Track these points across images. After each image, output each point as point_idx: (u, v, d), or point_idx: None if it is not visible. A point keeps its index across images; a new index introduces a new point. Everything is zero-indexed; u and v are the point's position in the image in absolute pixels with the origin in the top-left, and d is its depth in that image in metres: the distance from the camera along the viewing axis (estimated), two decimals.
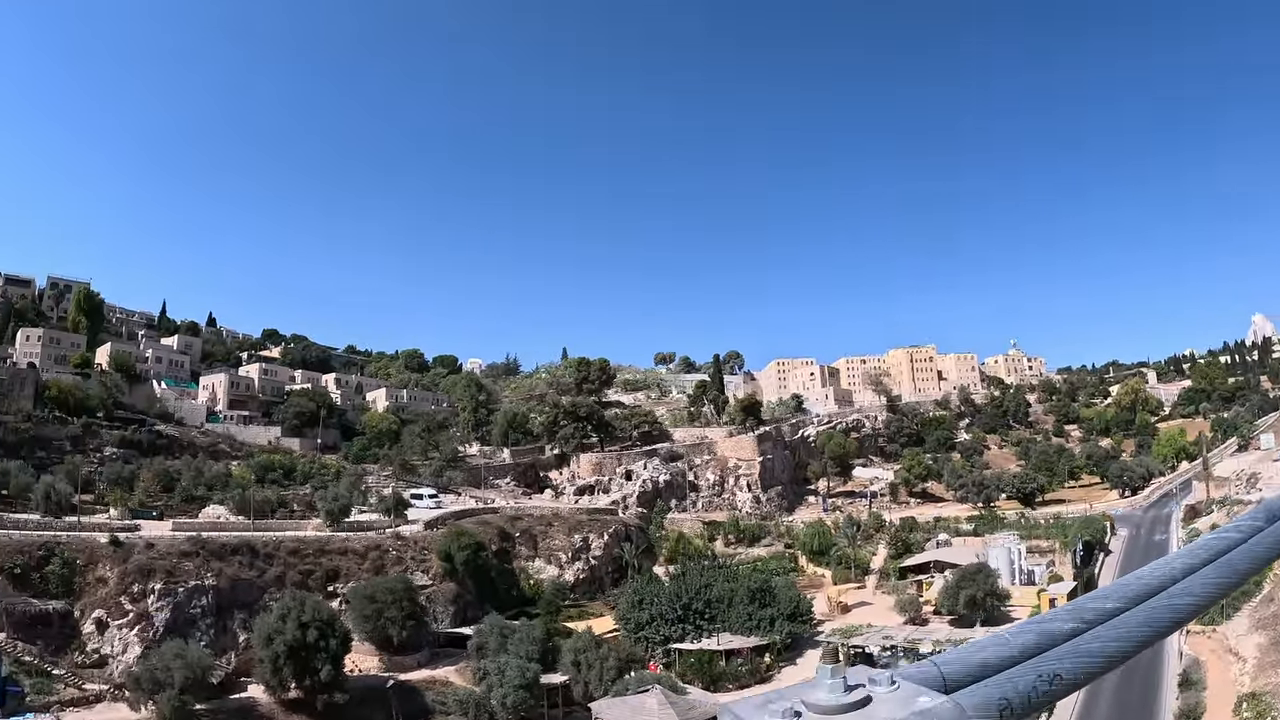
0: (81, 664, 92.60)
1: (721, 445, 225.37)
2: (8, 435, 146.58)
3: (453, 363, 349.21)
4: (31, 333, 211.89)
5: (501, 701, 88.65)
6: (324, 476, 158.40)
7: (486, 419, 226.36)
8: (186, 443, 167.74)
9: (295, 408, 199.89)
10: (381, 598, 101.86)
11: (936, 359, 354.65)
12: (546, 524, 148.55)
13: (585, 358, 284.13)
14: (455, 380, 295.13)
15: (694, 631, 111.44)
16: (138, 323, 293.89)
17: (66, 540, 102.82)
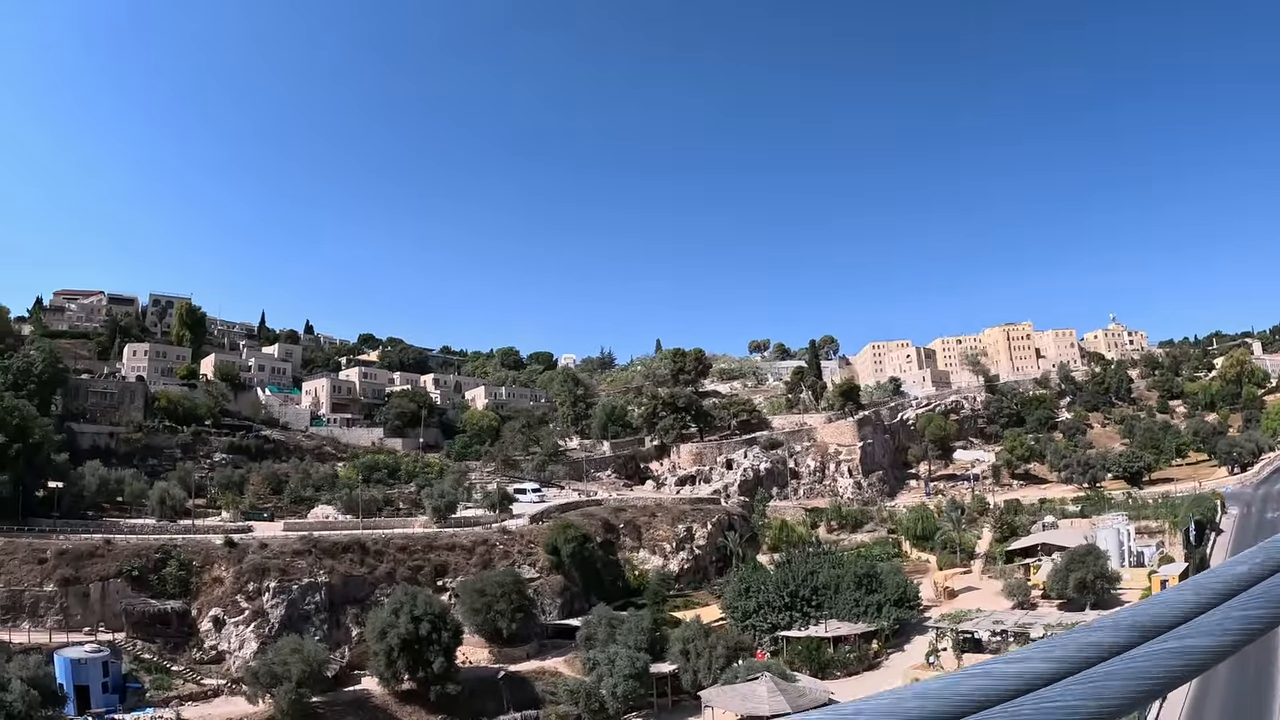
0: (199, 660, 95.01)
1: (821, 431, 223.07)
2: (120, 445, 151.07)
3: (548, 359, 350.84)
4: (138, 347, 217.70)
5: (612, 691, 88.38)
6: (428, 475, 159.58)
7: (585, 413, 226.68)
8: (293, 446, 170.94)
9: (396, 409, 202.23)
10: (491, 591, 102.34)
11: (1034, 336, 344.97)
12: (650, 515, 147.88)
13: (680, 348, 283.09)
14: (552, 376, 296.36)
15: (801, 619, 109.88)
16: (238, 334, 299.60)
17: (182, 543, 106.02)
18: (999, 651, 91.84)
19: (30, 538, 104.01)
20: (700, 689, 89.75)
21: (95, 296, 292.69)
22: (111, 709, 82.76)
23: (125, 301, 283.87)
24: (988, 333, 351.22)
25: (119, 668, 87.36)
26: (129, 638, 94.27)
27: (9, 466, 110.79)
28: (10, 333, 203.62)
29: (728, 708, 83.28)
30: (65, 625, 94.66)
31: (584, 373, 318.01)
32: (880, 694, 2.50)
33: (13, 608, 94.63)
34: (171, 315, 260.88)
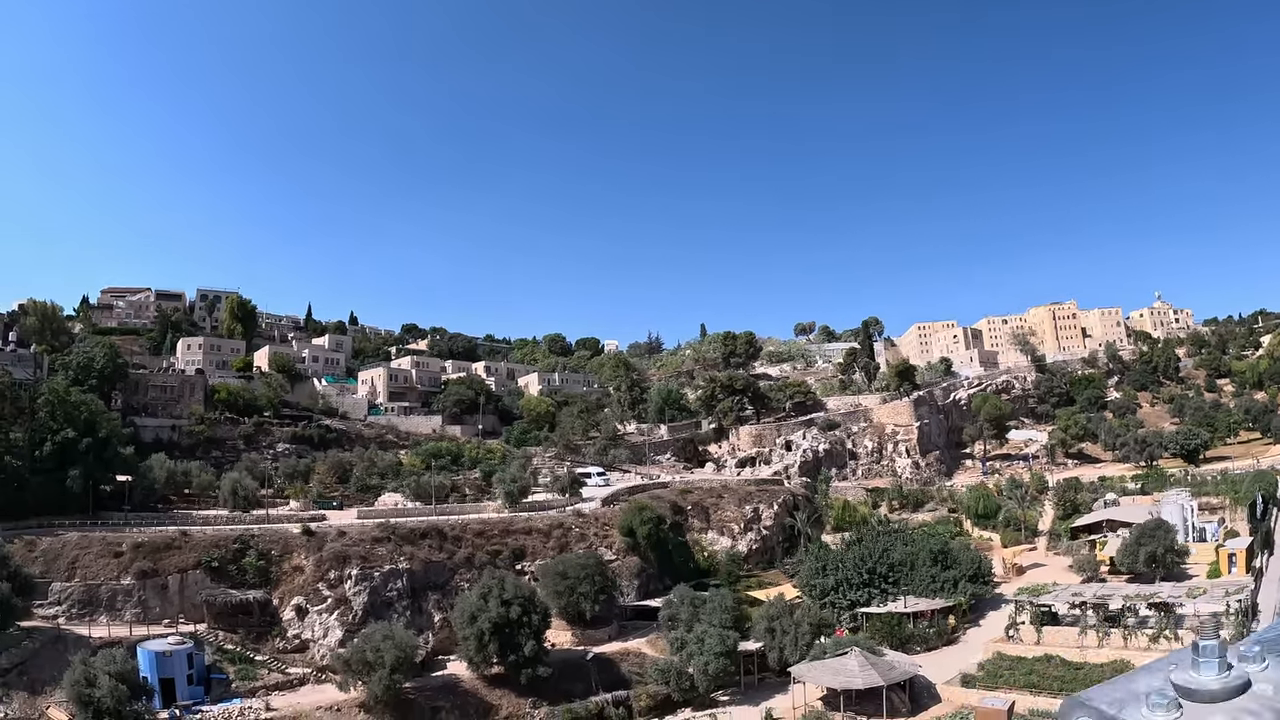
0: (283, 650, 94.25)
1: (877, 412, 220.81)
2: (183, 438, 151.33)
3: (595, 345, 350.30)
4: (192, 341, 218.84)
5: (703, 669, 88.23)
6: (490, 461, 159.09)
7: (641, 397, 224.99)
8: (354, 435, 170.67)
9: (454, 396, 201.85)
10: (573, 573, 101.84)
11: (1079, 315, 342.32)
12: (717, 496, 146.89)
13: (731, 331, 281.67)
14: (601, 361, 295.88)
15: (879, 595, 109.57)
16: (286, 326, 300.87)
17: (259, 532, 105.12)
18: (1076, 624, 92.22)
19: (103, 531, 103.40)
20: (786, 666, 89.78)
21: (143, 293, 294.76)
22: (198, 700, 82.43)
23: (173, 297, 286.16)
24: (1033, 312, 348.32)
25: (203, 659, 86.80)
26: (210, 629, 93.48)
27: (78, 461, 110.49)
28: (64, 330, 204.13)
29: (819, 682, 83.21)
30: (144, 618, 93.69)
31: (633, 357, 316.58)
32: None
33: (89, 602, 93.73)
34: (221, 309, 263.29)
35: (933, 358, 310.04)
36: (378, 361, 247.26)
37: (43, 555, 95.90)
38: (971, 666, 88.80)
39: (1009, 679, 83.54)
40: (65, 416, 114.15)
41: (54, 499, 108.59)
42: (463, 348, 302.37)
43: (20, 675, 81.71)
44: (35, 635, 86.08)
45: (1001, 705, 73.68)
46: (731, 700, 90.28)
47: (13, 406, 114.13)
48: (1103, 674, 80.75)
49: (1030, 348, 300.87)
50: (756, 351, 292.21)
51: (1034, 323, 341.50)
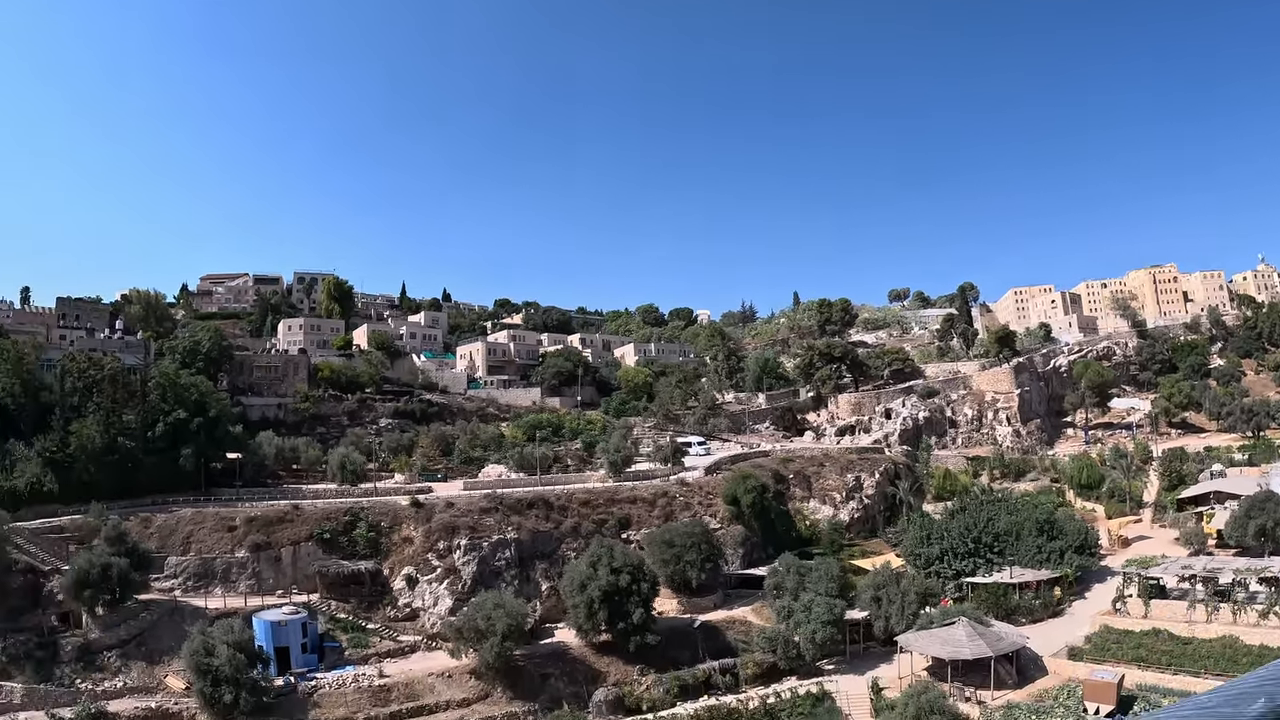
0: (394, 618, 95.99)
1: (977, 379, 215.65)
2: (288, 415, 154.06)
3: (688, 315, 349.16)
4: (292, 322, 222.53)
5: (810, 638, 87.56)
6: (591, 431, 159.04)
7: (738, 366, 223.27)
8: (455, 409, 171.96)
9: (553, 368, 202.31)
10: (680, 542, 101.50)
11: (1180, 279, 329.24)
12: (818, 465, 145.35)
13: (826, 299, 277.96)
14: (696, 331, 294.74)
15: (984, 565, 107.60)
16: (382, 305, 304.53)
17: (369, 505, 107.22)
18: (1184, 598, 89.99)
19: (216, 507, 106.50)
20: (892, 635, 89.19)
21: (241, 278, 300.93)
22: (312, 668, 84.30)
23: (270, 281, 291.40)
24: (1132, 275, 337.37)
25: (316, 628, 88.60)
26: (323, 598, 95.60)
27: (190, 440, 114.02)
28: (167, 317, 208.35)
29: (926, 651, 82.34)
30: (258, 589, 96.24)
31: (727, 326, 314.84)
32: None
33: (204, 574, 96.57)
34: (318, 291, 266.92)
35: (1030, 323, 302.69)
36: (474, 336, 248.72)
37: (158, 531, 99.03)
38: (1078, 639, 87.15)
39: (1116, 652, 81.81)
40: (176, 398, 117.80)
41: (167, 477, 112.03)
42: (557, 320, 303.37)
43: (139, 646, 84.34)
44: (153, 608, 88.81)
45: (1111, 678, 71.85)
46: (837, 669, 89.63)
47: (124, 391, 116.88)
48: (1211, 649, 79.18)
49: (1131, 313, 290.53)
50: (852, 319, 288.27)
51: (1134, 286, 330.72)
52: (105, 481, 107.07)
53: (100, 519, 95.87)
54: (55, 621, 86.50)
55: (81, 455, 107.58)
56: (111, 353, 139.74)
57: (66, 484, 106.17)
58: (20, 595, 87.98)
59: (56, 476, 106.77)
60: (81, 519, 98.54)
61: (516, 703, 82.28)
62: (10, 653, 79.90)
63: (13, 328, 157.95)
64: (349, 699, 78.76)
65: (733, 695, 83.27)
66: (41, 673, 79.20)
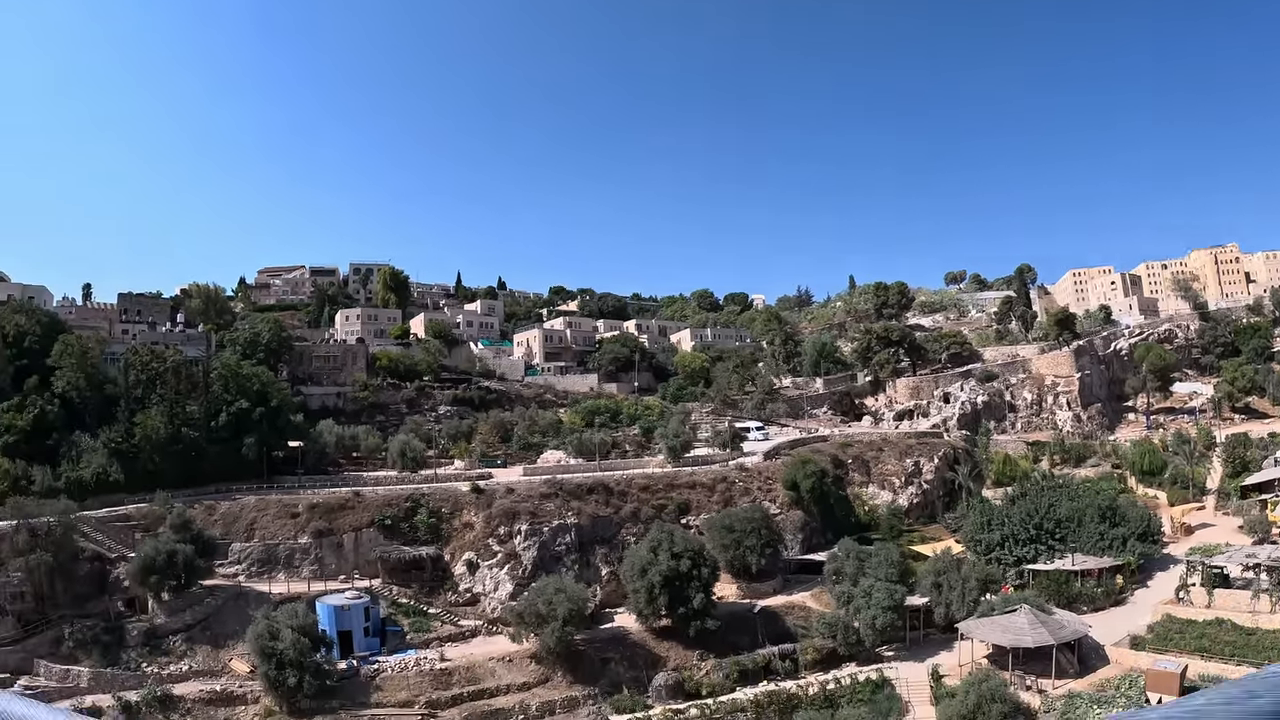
0: (455, 603, 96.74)
1: (1036, 362, 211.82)
2: (348, 404, 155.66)
3: (744, 300, 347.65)
4: (350, 312, 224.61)
5: (870, 624, 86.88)
6: (649, 417, 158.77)
7: (795, 351, 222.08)
8: (513, 395, 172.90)
9: (610, 354, 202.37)
10: (740, 527, 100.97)
11: (1242, 259, 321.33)
12: (877, 450, 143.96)
13: (882, 282, 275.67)
14: (752, 316, 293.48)
15: (1046, 552, 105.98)
16: (437, 294, 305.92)
17: (429, 491, 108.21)
18: (1248, 587, 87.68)
19: (279, 494, 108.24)
20: (952, 622, 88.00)
21: (298, 271, 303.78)
22: (374, 652, 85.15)
23: (326, 273, 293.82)
24: (1193, 255, 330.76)
25: (378, 612, 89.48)
26: (385, 583, 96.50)
27: (252, 430, 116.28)
28: (226, 310, 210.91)
29: (987, 639, 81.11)
30: (320, 574, 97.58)
31: (783, 311, 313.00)
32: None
33: (268, 560, 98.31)
34: (374, 281, 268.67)
35: (1090, 305, 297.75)
36: (530, 323, 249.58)
37: (222, 518, 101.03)
38: (1140, 628, 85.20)
39: (1179, 642, 79.77)
40: (238, 388, 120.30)
41: (230, 466, 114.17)
42: (612, 307, 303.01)
43: (204, 630, 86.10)
44: (217, 593, 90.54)
45: (1174, 669, 70.19)
46: (897, 656, 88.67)
47: (187, 382, 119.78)
48: (1276, 640, 77.46)
49: (1192, 294, 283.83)
50: (909, 302, 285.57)
51: (1195, 267, 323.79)
52: (170, 471, 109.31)
53: (165, 507, 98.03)
54: (121, 607, 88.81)
55: (146, 445, 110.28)
56: (173, 345, 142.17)
57: (132, 474, 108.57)
58: (87, 582, 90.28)
59: (122, 466, 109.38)
60: (147, 507, 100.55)
61: (577, 687, 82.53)
62: (78, 637, 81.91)
63: (76, 324, 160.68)
64: (411, 682, 79.45)
65: (792, 681, 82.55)
66: (108, 657, 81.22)
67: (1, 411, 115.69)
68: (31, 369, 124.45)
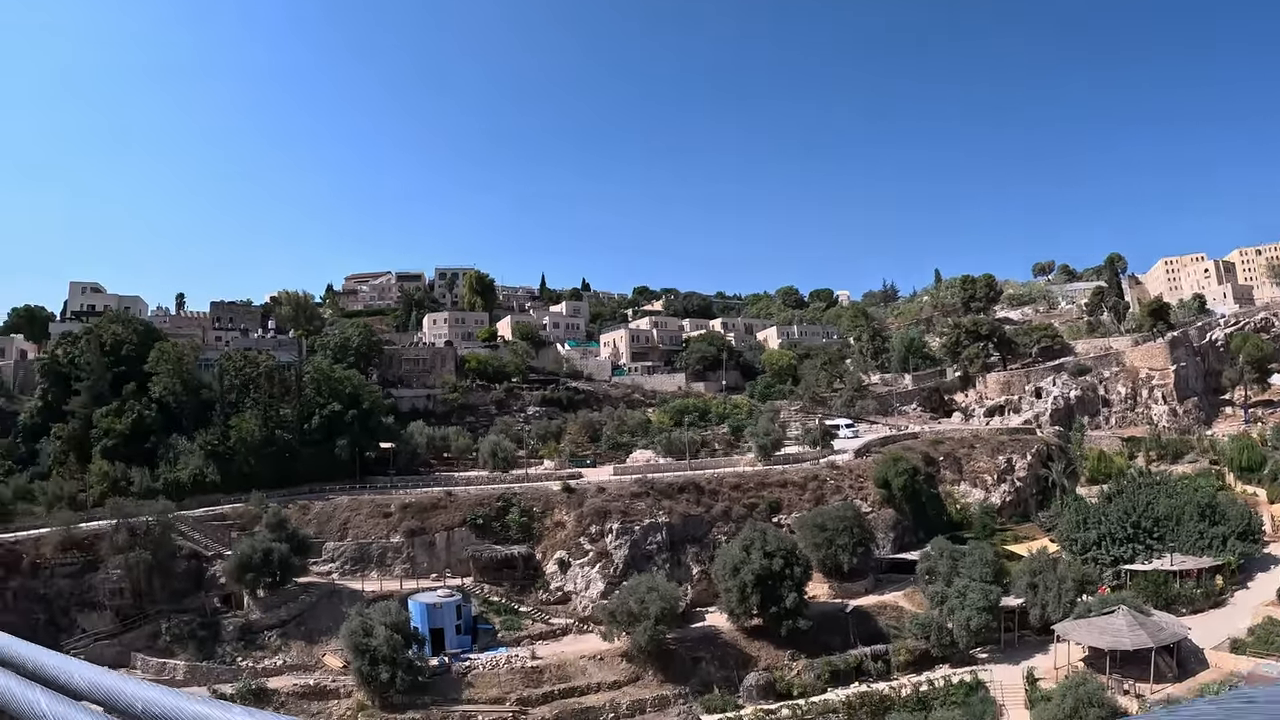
0: (545, 601, 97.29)
1: (1129, 355, 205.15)
2: (437, 405, 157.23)
3: (829, 296, 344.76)
4: (437, 316, 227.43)
5: (965, 624, 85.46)
6: (737, 415, 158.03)
7: (882, 347, 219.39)
8: (601, 395, 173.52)
9: (697, 353, 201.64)
10: (831, 526, 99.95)
11: None
12: (968, 447, 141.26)
13: (970, 275, 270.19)
14: (838, 312, 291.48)
15: (1143, 551, 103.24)
16: (522, 296, 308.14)
17: (520, 491, 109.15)
18: None
19: (371, 494, 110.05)
20: (1048, 624, 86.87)
21: (384, 277, 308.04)
22: (465, 649, 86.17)
23: (412, 278, 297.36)
24: None
25: (470, 610, 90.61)
26: (476, 582, 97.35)
27: (345, 431, 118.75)
28: (315, 316, 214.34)
29: (1084, 641, 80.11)
30: (412, 573, 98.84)
31: (869, 306, 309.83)
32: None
33: (360, 559, 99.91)
34: (460, 285, 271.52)
35: (1183, 294, 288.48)
36: (616, 324, 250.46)
37: (315, 518, 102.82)
38: (1240, 631, 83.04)
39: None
40: (331, 391, 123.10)
41: (323, 467, 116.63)
42: (698, 306, 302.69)
43: (298, 626, 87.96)
44: (311, 590, 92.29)
45: (1275, 673, 68.12)
46: (990, 658, 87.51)
47: (280, 386, 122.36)
48: None
49: None
50: (996, 295, 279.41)
51: None
52: (264, 472, 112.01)
53: (260, 507, 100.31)
54: (218, 603, 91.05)
55: (241, 448, 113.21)
56: (266, 351, 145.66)
57: (227, 475, 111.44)
58: (184, 579, 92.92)
59: (218, 468, 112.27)
60: (242, 507, 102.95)
61: (667, 685, 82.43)
62: (175, 632, 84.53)
63: (171, 331, 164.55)
64: (502, 679, 79.99)
65: (884, 682, 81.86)
66: (204, 651, 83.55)
67: (101, 416, 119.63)
68: (129, 376, 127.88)
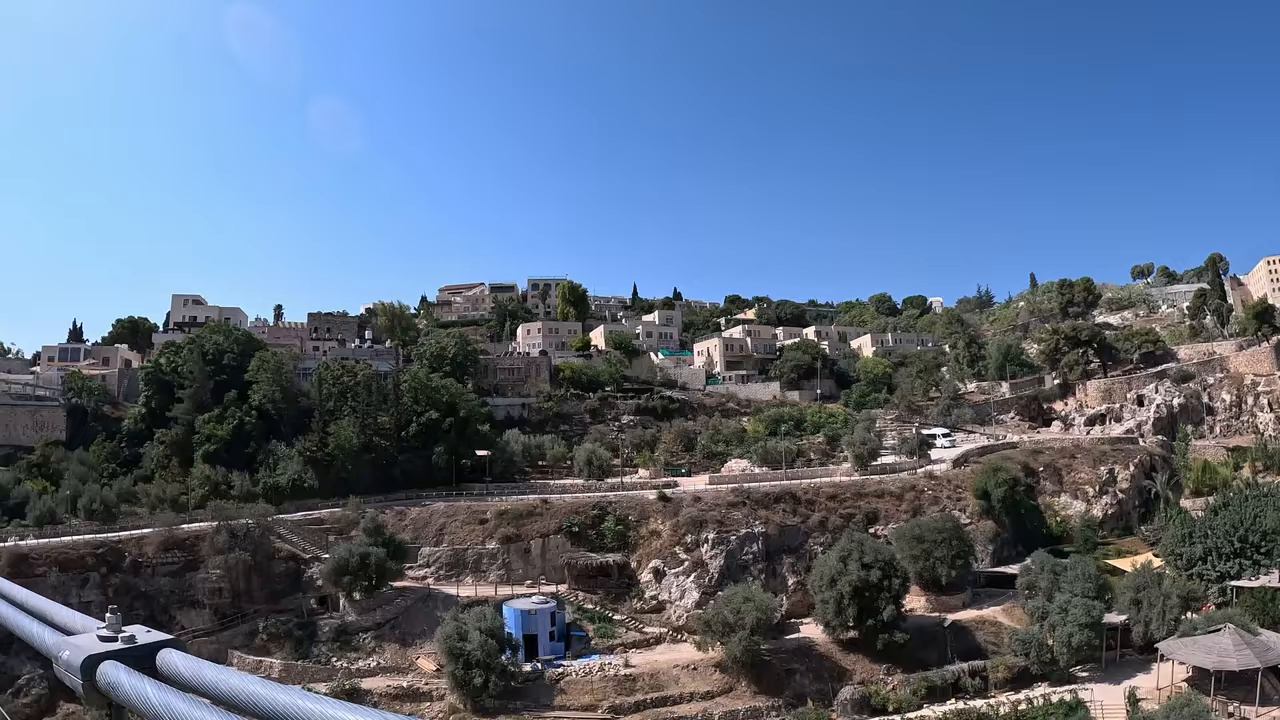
0: (640, 610, 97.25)
1: (1233, 360, 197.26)
2: (532, 414, 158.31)
3: (922, 303, 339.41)
4: (531, 326, 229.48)
5: (1066, 642, 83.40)
6: (833, 425, 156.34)
7: (978, 354, 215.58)
8: (695, 404, 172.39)
9: (791, 361, 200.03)
10: (930, 538, 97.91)
11: None
12: (1069, 457, 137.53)
13: (1067, 279, 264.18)
14: (932, 319, 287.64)
15: (1251, 566, 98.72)
16: (614, 306, 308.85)
17: (615, 499, 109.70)
18: None
19: (467, 501, 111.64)
20: (1151, 642, 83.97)
21: (477, 288, 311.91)
22: (558, 656, 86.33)
23: (505, 289, 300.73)
24: None
25: (563, 617, 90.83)
26: (570, 589, 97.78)
27: (443, 439, 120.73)
28: (411, 327, 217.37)
29: (1189, 660, 77.39)
30: (507, 579, 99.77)
31: (963, 313, 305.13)
32: None
33: (456, 564, 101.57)
34: (553, 295, 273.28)
35: None
36: (708, 333, 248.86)
37: (411, 524, 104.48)
38: None
39: None
40: (428, 400, 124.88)
41: (420, 473, 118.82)
42: (790, 314, 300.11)
43: (392, 629, 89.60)
44: (406, 594, 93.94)
45: None
46: (1090, 676, 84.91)
47: (378, 394, 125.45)
48: None
49: None
50: (1095, 299, 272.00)
51: None
52: (361, 477, 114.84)
53: (358, 512, 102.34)
54: (314, 604, 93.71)
55: (339, 454, 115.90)
56: (363, 360, 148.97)
57: (325, 480, 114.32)
58: (282, 580, 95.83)
59: (316, 473, 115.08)
60: (339, 512, 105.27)
61: (761, 697, 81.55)
62: (271, 631, 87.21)
63: (270, 341, 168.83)
64: (594, 687, 79.96)
65: (981, 699, 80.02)
66: (299, 650, 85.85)
67: (203, 422, 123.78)
68: (230, 383, 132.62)
